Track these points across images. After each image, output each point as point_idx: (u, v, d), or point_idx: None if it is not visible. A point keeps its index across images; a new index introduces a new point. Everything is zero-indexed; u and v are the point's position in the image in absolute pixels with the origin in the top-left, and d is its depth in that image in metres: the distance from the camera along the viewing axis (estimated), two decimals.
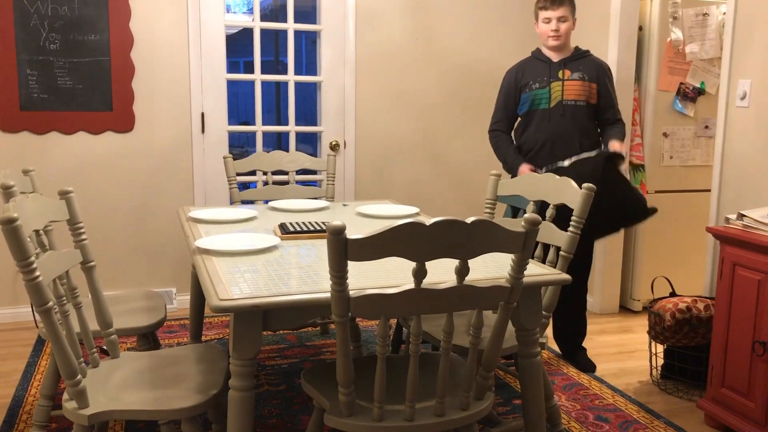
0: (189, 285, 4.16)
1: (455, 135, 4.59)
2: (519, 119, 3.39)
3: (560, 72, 3.24)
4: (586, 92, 3.22)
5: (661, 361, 3.25)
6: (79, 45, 3.80)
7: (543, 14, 3.21)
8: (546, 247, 2.65)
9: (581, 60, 3.27)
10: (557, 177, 2.51)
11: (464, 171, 4.64)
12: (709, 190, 3.37)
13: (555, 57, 3.26)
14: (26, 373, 3.19)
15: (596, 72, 3.25)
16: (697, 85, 4.09)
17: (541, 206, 2.74)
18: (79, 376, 1.77)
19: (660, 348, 3.30)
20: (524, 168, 3.24)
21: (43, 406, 2.42)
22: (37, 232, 1.96)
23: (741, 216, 2.68)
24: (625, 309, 4.26)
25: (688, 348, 3.06)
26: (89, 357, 2.06)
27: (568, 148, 3.19)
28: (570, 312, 3.36)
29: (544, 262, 2.50)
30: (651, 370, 3.26)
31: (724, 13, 3.95)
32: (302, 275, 1.98)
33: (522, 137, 3.35)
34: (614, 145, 3.13)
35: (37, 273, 1.62)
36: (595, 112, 3.27)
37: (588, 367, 3.32)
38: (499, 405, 2.91)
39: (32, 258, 1.61)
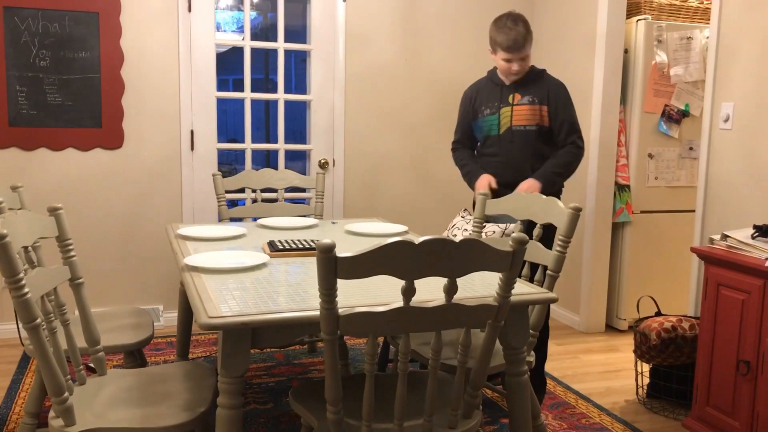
0: (176, 302, 4.17)
1: (443, 154, 4.63)
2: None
3: (511, 96, 3.12)
4: (537, 116, 3.08)
5: (647, 380, 3.27)
6: (69, 62, 3.81)
7: (501, 54, 3.04)
8: (533, 267, 2.68)
9: (534, 82, 3.12)
10: (544, 197, 2.54)
11: (452, 189, 4.67)
12: (693, 211, 3.41)
13: (508, 80, 3.15)
14: (10, 391, 3.16)
15: (547, 94, 3.10)
16: (682, 107, 4.16)
17: (528, 225, 2.77)
18: (66, 394, 1.76)
19: (646, 367, 3.32)
20: (483, 180, 3.13)
21: (27, 424, 2.39)
22: (26, 248, 1.96)
23: (725, 237, 2.72)
24: (611, 328, 4.29)
25: (673, 367, 3.08)
26: (76, 374, 2.05)
27: (520, 174, 3.08)
28: None
29: (531, 281, 2.52)
30: (637, 389, 3.28)
31: (708, 37, 4.02)
32: (291, 293, 1.99)
33: (480, 161, 3.26)
34: (521, 187, 3.01)
35: (26, 290, 1.62)
36: (550, 134, 3.13)
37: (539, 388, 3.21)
38: (486, 423, 2.92)
39: (21, 275, 1.61)
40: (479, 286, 2.12)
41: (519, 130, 3.11)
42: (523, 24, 3.01)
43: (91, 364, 2.18)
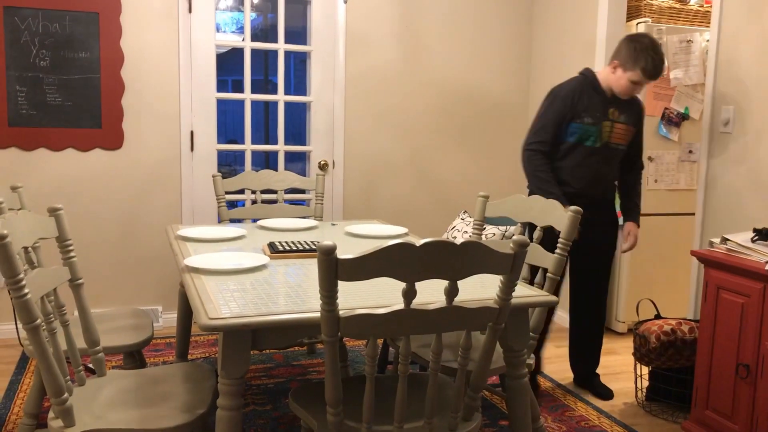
0: (175, 303, 4.16)
1: (443, 155, 4.63)
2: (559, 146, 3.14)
3: (611, 111, 3.08)
4: (629, 137, 3.14)
5: (646, 383, 3.27)
6: (69, 62, 3.80)
7: (636, 77, 2.96)
8: (533, 269, 2.68)
9: (629, 102, 3.12)
10: (544, 199, 2.54)
11: (452, 191, 4.68)
12: (693, 214, 3.41)
13: (609, 92, 3.08)
14: (9, 391, 3.15)
15: (638, 117, 3.16)
16: (682, 110, 4.16)
17: (528, 228, 2.77)
18: (66, 395, 1.76)
19: (645, 370, 3.32)
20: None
21: (26, 425, 2.39)
22: (26, 249, 1.96)
23: (725, 240, 2.72)
24: (610, 331, 4.28)
25: (672, 370, 3.08)
26: (75, 375, 2.05)
27: (603, 190, 3.17)
28: (590, 333, 3.38)
29: (531, 283, 2.52)
30: (636, 392, 3.28)
31: (708, 41, 4.03)
32: (291, 294, 1.98)
33: (560, 167, 3.12)
34: (632, 233, 3.26)
35: (26, 290, 1.61)
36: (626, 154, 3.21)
37: (605, 393, 3.31)
38: (485, 426, 2.91)
39: (21, 275, 1.60)
40: (479, 288, 2.12)
41: (614, 148, 3.12)
42: (661, 53, 2.97)
43: (91, 365, 2.17)
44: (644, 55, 2.92)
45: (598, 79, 3.10)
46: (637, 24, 4.05)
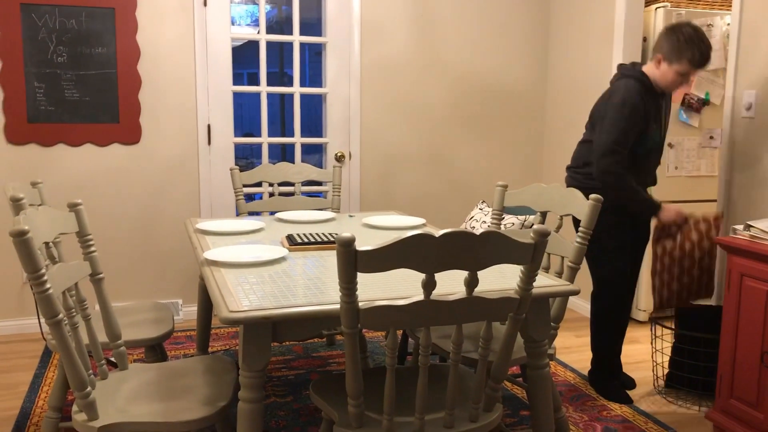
0: (194, 296, 4.19)
1: (460, 146, 4.61)
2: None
3: (662, 111, 3.04)
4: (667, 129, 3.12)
5: (666, 370, 3.24)
6: (86, 58, 3.82)
7: (683, 68, 2.85)
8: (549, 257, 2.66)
9: (668, 96, 3.08)
10: (563, 188, 2.52)
11: (469, 181, 4.65)
12: (713, 200, 3.37)
13: (659, 89, 2.98)
14: (33, 385, 3.19)
15: (667, 110, 3.08)
16: (702, 95, 4.10)
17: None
18: (89, 388, 1.77)
19: (664, 358, 3.29)
20: (671, 212, 2.95)
21: (51, 418, 2.42)
22: (47, 244, 1.97)
23: (748, 227, 2.68)
24: (630, 319, 4.25)
25: (695, 342, 3.05)
26: (98, 369, 2.06)
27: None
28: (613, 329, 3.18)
29: (546, 271, 2.50)
30: (655, 380, 3.25)
31: (728, 24, 3.96)
32: (311, 286, 1.98)
33: (639, 177, 3.00)
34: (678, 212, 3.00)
35: (48, 285, 1.62)
36: None
37: (627, 383, 3.24)
38: (506, 416, 2.90)
39: (43, 270, 1.61)
40: (497, 277, 2.11)
41: (663, 144, 3.11)
42: (707, 40, 2.88)
43: (113, 359, 2.19)
44: (690, 45, 2.82)
45: (650, 79, 2.94)
46: (656, 9, 3.99)
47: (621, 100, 2.86)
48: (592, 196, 2.32)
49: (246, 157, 9.16)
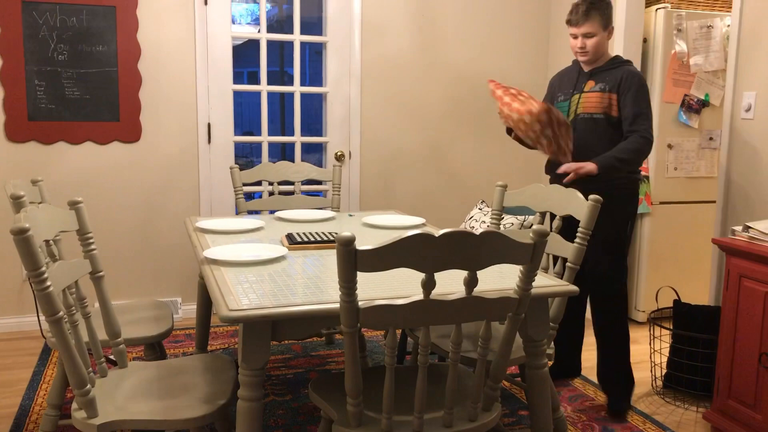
0: (193, 294, 4.19)
1: (459, 145, 4.61)
2: None
3: (585, 83, 3.02)
4: (605, 104, 2.93)
5: (664, 371, 3.25)
6: (87, 56, 3.82)
7: (569, 29, 2.99)
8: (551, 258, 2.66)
9: (611, 70, 2.98)
10: (563, 188, 2.52)
11: (468, 181, 4.66)
12: (713, 202, 3.37)
13: (586, 67, 3.04)
14: (32, 383, 3.19)
15: (619, 81, 2.93)
16: (702, 96, 4.11)
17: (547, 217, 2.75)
18: (89, 386, 1.78)
19: (663, 358, 3.30)
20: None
21: (50, 416, 2.42)
22: (47, 242, 1.97)
23: (747, 228, 2.68)
24: (629, 320, 4.26)
25: (690, 357, 3.06)
26: (98, 367, 2.07)
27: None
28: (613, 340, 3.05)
29: (546, 271, 2.50)
30: (653, 380, 3.26)
31: (728, 26, 3.97)
32: (311, 285, 1.99)
33: None
34: (570, 166, 2.84)
35: (49, 283, 1.63)
36: (620, 125, 2.96)
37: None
38: (504, 416, 2.91)
39: (44, 268, 1.62)
40: (496, 277, 2.11)
41: (584, 118, 2.98)
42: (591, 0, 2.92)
43: (112, 357, 2.19)
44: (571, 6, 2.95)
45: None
46: (656, 9, 4.00)
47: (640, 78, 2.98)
48: (592, 196, 2.32)
49: (246, 156, 9.16)
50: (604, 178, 2.86)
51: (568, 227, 2.80)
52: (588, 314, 3.26)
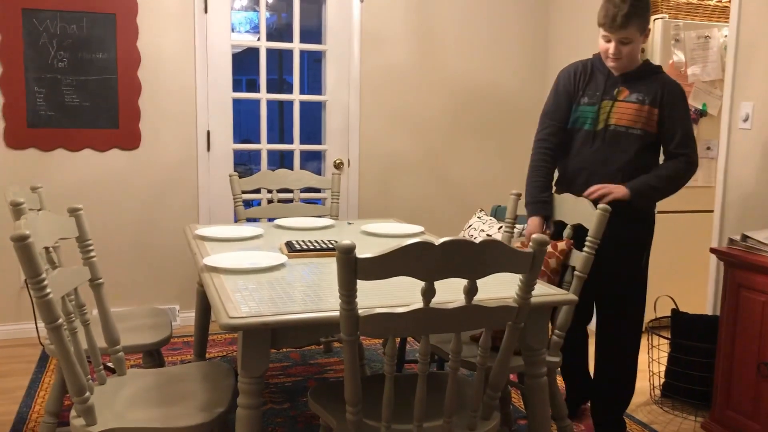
0: (192, 302, 4.18)
1: (458, 154, 4.62)
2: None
3: (617, 90, 2.61)
4: (643, 118, 2.55)
5: (662, 380, 3.24)
6: (86, 63, 3.83)
7: (601, 32, 2.57)
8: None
9: (645, 79, 2.60)
10: (573, 197, 2.52)
11: (467, 190, 4.67)
12: (710, 211, 3.38)
13: (616, 71, 2.63)
14: (30, 390, 3.18)
15: (660, 94, 2.56)
16: (699, 106, 4.12)
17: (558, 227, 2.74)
18: (88, 393, 1.77)
19: (661, 368, 3.30)
20: (533, 223, 2.66)
21: (47, 423, 2.41)
22: (47, 249, 1.97)
23: (745, 237, 2.69)
24: None
25: (688, 366, 3.06)
26: (96, 374, 2.06)
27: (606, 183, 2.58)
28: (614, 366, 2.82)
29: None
30: (651, 389, 3.26)
31: (726, 36, 3.99)
32: (310, 293, 1.99)
33: (561, 160, 2.77)
34: (599, 189, 2.54)
35: (48, 290, 1.63)
36: (657, 143, 2.63)
37: None
38: (503, 425, 2.90)
39: (44, 275, 1.62)
40: (492, 286, 2.11)
41: (618, 131, 2.58)
42: (632, 2, 2.47)
43: (111, 364, 2.19)
44: (603, 6, 2.54)
45: (601, 58, 2.68)
46: (654, 20, 4.02)
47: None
48: (600, 205, 2.32)
49: (245, 164, 9.16)
50: (634, 206, 2.56)
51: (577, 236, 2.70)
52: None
